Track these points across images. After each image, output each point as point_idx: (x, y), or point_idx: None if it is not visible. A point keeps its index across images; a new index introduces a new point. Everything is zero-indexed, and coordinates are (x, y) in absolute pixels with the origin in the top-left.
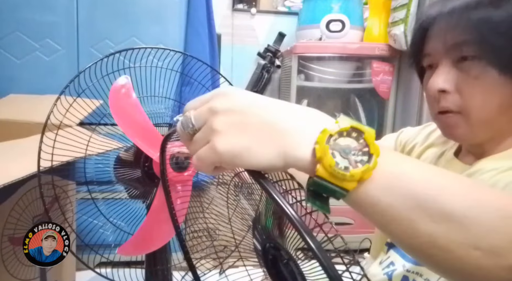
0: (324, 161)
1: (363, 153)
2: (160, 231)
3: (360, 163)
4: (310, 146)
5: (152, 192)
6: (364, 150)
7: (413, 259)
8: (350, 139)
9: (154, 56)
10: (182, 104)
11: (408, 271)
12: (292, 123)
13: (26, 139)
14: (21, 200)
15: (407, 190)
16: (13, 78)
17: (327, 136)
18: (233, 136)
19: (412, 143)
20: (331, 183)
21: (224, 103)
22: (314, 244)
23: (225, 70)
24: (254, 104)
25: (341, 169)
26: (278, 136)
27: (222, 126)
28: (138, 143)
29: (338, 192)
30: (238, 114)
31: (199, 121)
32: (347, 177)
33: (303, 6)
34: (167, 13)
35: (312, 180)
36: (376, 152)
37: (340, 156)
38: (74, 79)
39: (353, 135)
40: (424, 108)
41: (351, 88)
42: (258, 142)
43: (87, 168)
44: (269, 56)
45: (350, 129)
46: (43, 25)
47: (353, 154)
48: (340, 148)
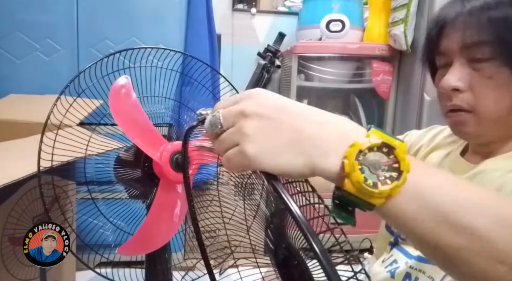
0: (352, 176)
1: (392, 169)
2: (160, 231)
3: (389, 179)
4: (339, 159)
5: (152, 192)
6: (394, 166)
7: (416, 256)
8: (380, 154)
9: (154, 56)
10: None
11: (411, 267)
12: (322, 132)
13: (26, 139)
14: (21, 200)
15: (434, 205)
16: (13, 78)
17: (357, 151)
18: (262, 142)
19: (418, 145)
20: (358, 198)
21: (254, 106)
22: (318, 247)
23: (225, 70)
24: (284, 109)
25: (369, 185)
26: (307, 145)
27: (252, 131)
28: (138, 143)
29: (365, 206)
30: (268, 119)
31: (228, 121)
32: (375, 194)
33: (303, 6)
34: (167, 13)
35: (339, 193)
36: (407, 169)
37: (369, 171)
38: (74, 79)
39: (383, 150)
40: (424, 108)
41: (351, 88)
42: (287, 149)
43: (87, 168)
44: (269, 56)
45: (381, 144)
46: (43, 25)
47: (382, 170)
48: (369, 163)
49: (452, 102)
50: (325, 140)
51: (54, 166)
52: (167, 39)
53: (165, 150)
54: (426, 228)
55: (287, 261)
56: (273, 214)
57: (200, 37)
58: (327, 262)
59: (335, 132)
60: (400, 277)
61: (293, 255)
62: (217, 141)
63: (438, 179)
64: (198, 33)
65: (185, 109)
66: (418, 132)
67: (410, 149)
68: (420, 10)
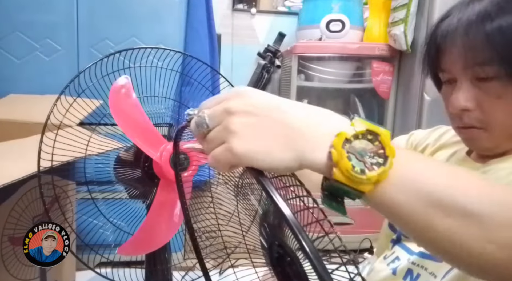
0: (341, 165)
1: (378, 155)
2: (160, 231)
3: (376, 165)
4: (326, 149)
5: (152, 192)
6: (379, 152)
7: (418, 252)
8: (365, 141)
9: (154, 56)
10: (182, 104)
11: (413, 263)
12: (307, 125)
13: (26, 139)
14: (21, 200)
15: (422, 187)
16: (13, 78)
17: (344, 139)
18: (249, 138)
19: (424, 144)
20: (348, 186)
21: (239, 103)
22: (308, 246)
23: (225, 70)
24: (269, 105)
25: (358, 172)
26: (293, 139)
27: (238, 127)
28: (138, 143)
29: (354, 194)
30: (253, 115)
31: (214, 121)
32: (363, 181)
33: (303, 6)
34: (167, 13)
35: (328, 183)
36: (392, 153)
37: (356, 159)
38: (74, 79)
39: (368, 137)
40: (424, 108)
41: (351, 88)
42: (274, 144)
43: (87, 168)
44: (269, 56)
45: (366, 132)
46: (43, 25)
47: (369, 157)
48: (355, 151)
49: (464, 121)
50: (311, 133)
51: (54, 166)
52: (167, 39)
53: (165, 150)
54: (415, 210)
55: (281, 259)
56: (266, 212)
57: (200, 37)
58: (315, 256)
59: (320, 124)
60: (402, 274)
61: (287, 253)
62: (205, 141)
63: (424, 162)
64: (198, 33)
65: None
66: (424, 132)
67: (416, 147)
68: (420, 10)
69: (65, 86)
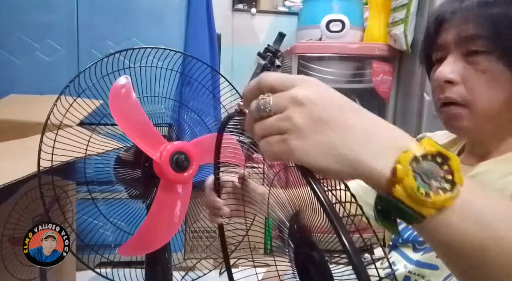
0: (405, 182)
1: (446, 180)
2: (160, 231)
3: (442, 190)
4: (390, 163)
5: (152, 192)
6: (447, 177)
7: (416, 261)
8: (434, 164)
9: (154, 56)
10: (182, 104)
11: (410, 272)
12: (374, 132)
13: (26, 139)
14: (21, 200)
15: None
16: (13, 78)
17: (411, 157)
18: (311, 137)
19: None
20: (408, 206)
21: (309, 94)
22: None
23: (225, 70)
24: (337, 103)
25: (422, 194)
26: (357, 142)
27: (302, 122)
28: (138, 143)
29: (411, 215)
30: (320, 112)
31: (278, 107)
32: (427, 203)
33: (303, 6)
34: (167, 13)
35: (386, 199)
36: (460, 181)
37: (421, 179)
38: (74, 79)
39: (437, 160)
40: (424, 109)
41: (351, 88)
42: (334, 146)
43: (87, 168)
44: (269, 56)
45: (436, 154)
46: (43, 25)
47: (435, 180)
48: (422, 172)
49: (445, 95)
50: (377, 140)
51: (54, 166)
52: (167, 39)
53: (165, 150)
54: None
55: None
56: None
57: (200, 37)
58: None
59: (387, 135)
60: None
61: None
62: (259, 124)
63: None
64: (198, 33)
65: (185, 109)
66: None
67: None
68: (420, 10)
69: (65, 86)
